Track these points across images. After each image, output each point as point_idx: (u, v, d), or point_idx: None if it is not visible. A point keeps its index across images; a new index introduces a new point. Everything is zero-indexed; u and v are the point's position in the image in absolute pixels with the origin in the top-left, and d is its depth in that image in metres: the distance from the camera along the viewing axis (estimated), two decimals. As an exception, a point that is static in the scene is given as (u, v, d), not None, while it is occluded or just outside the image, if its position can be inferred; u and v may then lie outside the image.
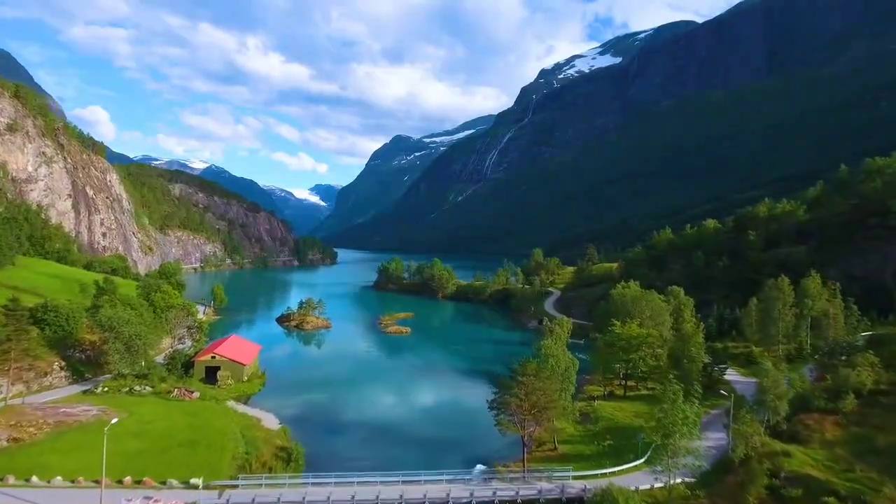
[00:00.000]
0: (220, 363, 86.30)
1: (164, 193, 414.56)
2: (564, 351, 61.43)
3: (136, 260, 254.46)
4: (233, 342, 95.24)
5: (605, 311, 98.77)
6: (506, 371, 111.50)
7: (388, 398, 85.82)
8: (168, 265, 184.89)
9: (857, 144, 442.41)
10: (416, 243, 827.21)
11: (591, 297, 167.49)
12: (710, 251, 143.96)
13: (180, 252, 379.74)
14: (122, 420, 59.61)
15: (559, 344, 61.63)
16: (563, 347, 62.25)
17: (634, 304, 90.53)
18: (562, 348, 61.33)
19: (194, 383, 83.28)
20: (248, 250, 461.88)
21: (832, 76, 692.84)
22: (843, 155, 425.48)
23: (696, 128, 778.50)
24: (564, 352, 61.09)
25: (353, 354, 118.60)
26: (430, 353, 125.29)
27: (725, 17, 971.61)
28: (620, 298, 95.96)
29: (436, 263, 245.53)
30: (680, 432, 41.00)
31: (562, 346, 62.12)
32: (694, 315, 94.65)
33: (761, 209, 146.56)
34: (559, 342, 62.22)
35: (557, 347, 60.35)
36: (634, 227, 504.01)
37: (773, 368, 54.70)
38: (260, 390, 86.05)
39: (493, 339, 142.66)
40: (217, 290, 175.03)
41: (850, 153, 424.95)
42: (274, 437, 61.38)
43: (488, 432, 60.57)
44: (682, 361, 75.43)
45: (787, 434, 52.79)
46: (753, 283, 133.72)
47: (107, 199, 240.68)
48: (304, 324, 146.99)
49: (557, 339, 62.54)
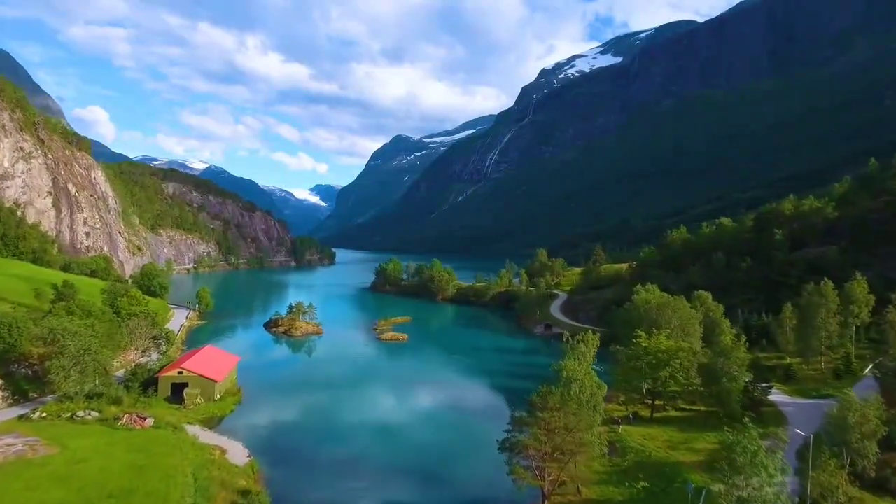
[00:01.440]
0: (188, 379, 75.58)
1: (156, 192, 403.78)
2: (591, 373, 50.32)
3: (122, 261, 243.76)
4: (205, 355, 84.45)
5: (624, 319, 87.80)
6: (510, 382, 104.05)
7: (380, 422, 74.99)
8: (150, 266, 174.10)
9: (861, 143, 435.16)
10: (416, 243, 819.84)
11: (601, 301, 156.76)
12: (730, 251, 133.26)
13: (173, 252, 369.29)
14: (49, 457, 48.99)
15: (584, 365, 50.45)
16: (590, 369, 51.11)
17: (660, 312, 79.70)
18: (588, 370, 50.21)
19: (158, 404, 72.73)
20: (244, 250, 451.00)
21: (835, 75, 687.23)
22: (847, 154, 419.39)
23: (698, 127, 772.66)
24: (591, 374, 49.97)
25: (343, 366, 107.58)
26: (429, 365, 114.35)
27: (727, 17, 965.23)
28: (643, 305, 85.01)
29: (435, 264, 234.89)
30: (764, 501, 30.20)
31: (587, 367, 50.96)
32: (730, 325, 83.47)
33: (786, 206, 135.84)
34: (584, 363, 51.01)
35: (583, 370, 49.18)
36: (636, 227, 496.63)
37: (858, 400, 43.82)
38: (233, 411, 75.15)
39: (497, 347, 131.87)
40: (202, 293, 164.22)
41: (854, 152, 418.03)
42: (237, 477, 50.63)
43: (497, 468, 49.79)
44: (721, 380, 64.73)
45: (876, 483, 42.28)
46: (780, 287, 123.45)
47: (91, 197, 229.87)
48: (293, 330, 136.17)
49: (583, 360, 51.28)
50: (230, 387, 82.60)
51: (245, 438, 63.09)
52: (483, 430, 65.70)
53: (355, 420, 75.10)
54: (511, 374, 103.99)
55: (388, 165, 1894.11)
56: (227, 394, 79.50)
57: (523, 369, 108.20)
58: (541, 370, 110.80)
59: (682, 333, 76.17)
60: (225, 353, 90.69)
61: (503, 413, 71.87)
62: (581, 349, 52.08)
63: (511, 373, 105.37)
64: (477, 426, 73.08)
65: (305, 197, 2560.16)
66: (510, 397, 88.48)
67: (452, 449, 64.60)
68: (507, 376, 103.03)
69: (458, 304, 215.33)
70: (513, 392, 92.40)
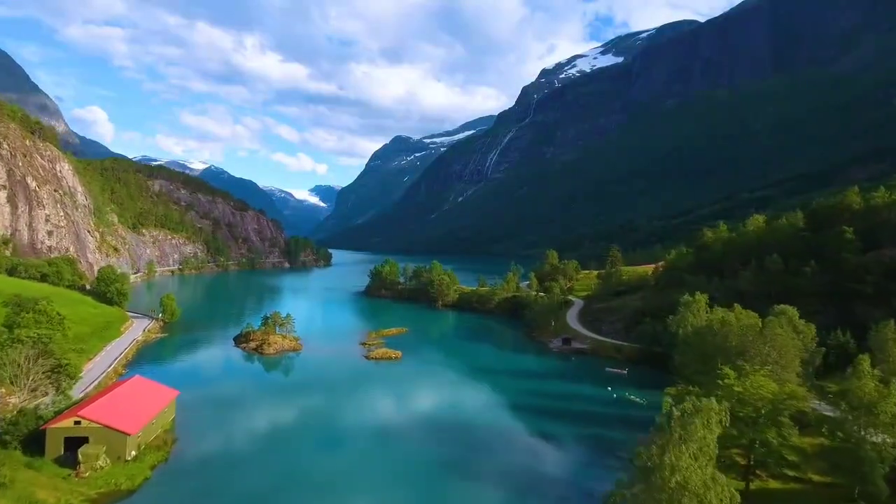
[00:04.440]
0: (88, 432, 53.95)
1: (141, 189, 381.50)
2: (718, 481, 27.35)
3: (91, 262, 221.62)
4: (122, 393, 62.60)
5: (695, 348, 65.10)
6: (535, 424, 74.81)
7: (358, 496, 53.39)
8: (107, 270, 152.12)
9: (871, 142, 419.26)
10: (416, 244, 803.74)
11: (628, 311, 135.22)
12: (785, 253, 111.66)
13: (156, 253, 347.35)
14: None
15: (704, 468, 27.08)
16: (713, 467, 28.38)
17: (749, 339, 57.75)
18: (712, 472, 27.45)
19: (44, 467, 51.30)
20: (235, 251, 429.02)
21: (840, 74, 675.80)
22: (858, 153, 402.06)
23: (702, 127, 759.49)
24: (718, 483, 27.09)
25: (318, 399, 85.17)
26: (426, 398, 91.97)
27: (730, 15, 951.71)
28: (722, 328, 62.70)
29: (435, 267, 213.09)
30: None
31: (708, 469, 27.72)
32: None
33: (851, 198, 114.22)
34: (702, 459, 27.68)
35: (699, 473, 26.22)
36: (642, 228, 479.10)
37: None
38: (148, 478, 53.08)
39: (509, 370, 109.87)
40: (166, 300, 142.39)
41: (864, 151, 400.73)
42: None
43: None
44: (861, 446, 43.28)
45: None
46: (854, 296, 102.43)
47: (55, 193, 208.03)
48: (266, 346, 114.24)
49: (698, 452, 27.92)
50: (157, 436, 60.98)
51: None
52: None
53: (325, 485, 53.52)
54: (535, 411, 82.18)
55: (388, 166, 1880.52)
56: (148, 449, 57.80)
57: (548, 402, 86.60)
58: (569, 402, 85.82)
59: (780, 369, 54.60)
60: (157, 387, 68.93)
61: (529, 473, 50.55)
62: (695, 428, 28.80)
63: (535, 408, 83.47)
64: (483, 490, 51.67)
65: (305, 198, 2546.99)
66: (536, 449, 67.28)
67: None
68: (531, 413, 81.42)
69: (459, 310, 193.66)
70: (541, 438, 70.98)
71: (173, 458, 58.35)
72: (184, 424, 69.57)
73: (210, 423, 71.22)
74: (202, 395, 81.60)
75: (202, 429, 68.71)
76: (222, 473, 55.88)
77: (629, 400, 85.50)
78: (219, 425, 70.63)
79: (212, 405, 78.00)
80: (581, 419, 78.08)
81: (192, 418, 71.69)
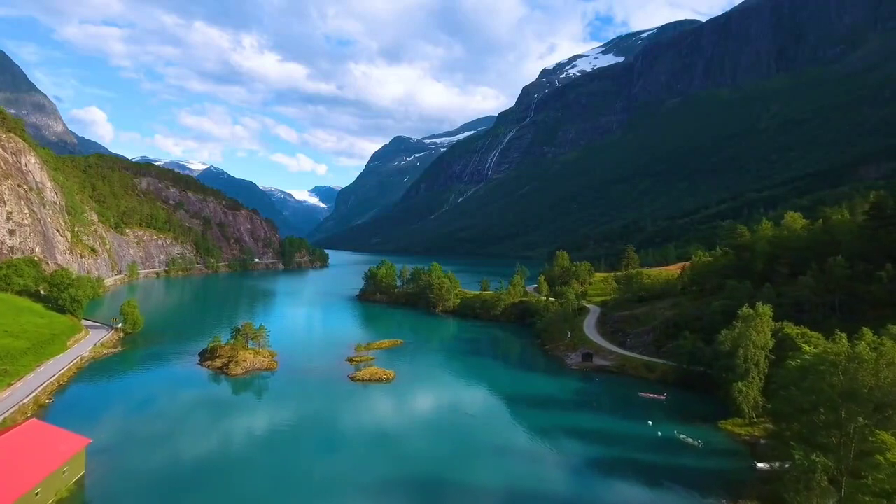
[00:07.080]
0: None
1: (125, 187, 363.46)
2: None
3: (61, 264, 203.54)
4: None
5: (806, 397, 43.82)
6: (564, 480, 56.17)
7: None
8: (61, 273, 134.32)
9: (878, 141, 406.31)
10: (416, 245, 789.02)
11: (658, 321, 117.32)
12: (848, 254, 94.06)
13: (141, 254, 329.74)
14: None
15: None
16: None
17: (874, 378, 39.64)
18: None
19: None
20: (226, 252, 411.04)
21: (845, 72, 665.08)
22: (866, 152, 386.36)
23: (705, 127, 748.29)
24: None
25: (282, 443, 66.41)
26: (421, 439, 72.05)
27: (733, 14, 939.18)
28: (833, 364, 42.67)
29: (434, 269, 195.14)
30: None
31: None
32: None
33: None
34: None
35: None
36: (647, 228, 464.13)
37: None
38: None
39: (524, 395, 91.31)
40: (127, 307, 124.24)
41: (872, 149, 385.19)
42: None
43: None
44: None
45: None
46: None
47: (19, 188, 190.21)
48: (233, 364, 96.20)
49: None
50: None
51: None
52: None
53: None
54: (562, 465, 64.11)
55: (388, 166, 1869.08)
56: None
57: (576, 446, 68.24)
58: (602, 446, 65.55)
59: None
60: (58, 436, 50.97)
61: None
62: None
63: (561, 458, 65.20)
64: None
65: (305, 198, 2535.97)
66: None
67: None
68: (556, 469, 63.41)
69: (461, 317, 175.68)
70: None
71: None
72: (99, 483, 51.95)
73: (136, 479, 53.41)
74: (136, 437, 63.94)
75: (122, 489, 51.01)
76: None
77: (679, 441, 67.66)
78: (148, 483, 52.76)
79: (143, 451, 60.02)
80: (618, 469, 60.20)
81: (114, 473, 54.11)
